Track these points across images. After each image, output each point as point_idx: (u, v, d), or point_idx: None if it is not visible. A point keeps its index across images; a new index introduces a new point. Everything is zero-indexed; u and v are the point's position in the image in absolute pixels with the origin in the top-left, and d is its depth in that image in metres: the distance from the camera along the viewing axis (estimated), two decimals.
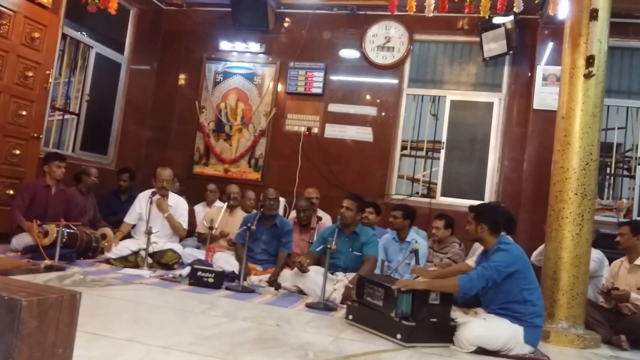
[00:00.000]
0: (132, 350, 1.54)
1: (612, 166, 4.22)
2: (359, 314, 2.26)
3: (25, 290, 0.82)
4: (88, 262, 3.09)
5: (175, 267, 3.19)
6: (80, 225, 3.25)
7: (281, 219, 3.39)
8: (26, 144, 3.57)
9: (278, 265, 3.15)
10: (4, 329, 0.76)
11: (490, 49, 4.11)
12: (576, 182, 2.52)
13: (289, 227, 3.36)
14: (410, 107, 4.53)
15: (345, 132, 4.48)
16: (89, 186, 3.78)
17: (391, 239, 3.33)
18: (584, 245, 2.51)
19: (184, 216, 3.50)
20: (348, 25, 4.54)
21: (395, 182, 4.47)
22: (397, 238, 3.30)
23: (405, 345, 1.98)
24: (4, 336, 0.75)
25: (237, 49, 4.77)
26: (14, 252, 3.10)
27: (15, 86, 3.47)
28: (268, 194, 3.31)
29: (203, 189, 4.28)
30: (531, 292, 2.08)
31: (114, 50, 4.62)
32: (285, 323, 2.14)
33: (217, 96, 4.82)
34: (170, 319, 2.06)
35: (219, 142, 4.77)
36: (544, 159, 3.55)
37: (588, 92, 2.56)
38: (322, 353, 1.76)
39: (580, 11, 2.59)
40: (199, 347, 1.66)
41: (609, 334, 2.51)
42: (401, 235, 3.27)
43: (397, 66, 4.44)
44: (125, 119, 4.73)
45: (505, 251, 2.09)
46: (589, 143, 2.54)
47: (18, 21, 3.43)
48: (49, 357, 0.81)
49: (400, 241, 3.28)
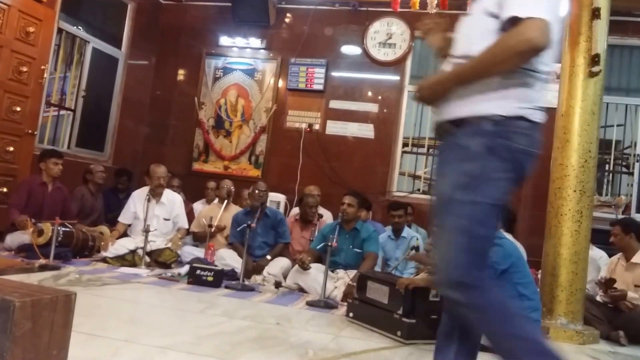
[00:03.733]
0: (129, 350, 1.52)
1: (610, 163, 4.23)
2: (359, 311, 2.26)
3: (19, 291, 0.80)
4: (84, 261, 3.05)
5: (173, 266, 3.17)
6: (76, 224, 3.21)
7: (270, 209, 3.41)
8: (20, 140, 3.52)
9: (273, 252, 3.17)
10: None
11: None
12: (575, 180, 2.53)
13: (280, 215, 3.42)
14: (412, 104, 4.51)
15: (346, 129, 4.46)
16: (97, 184, 3.72)
17: (387, 237, 3.33)
18: (582, 242, 2.52)
19: (181, 215, 3.47)
20: (350, 21, 4.51)
21: (396, 179, 4.46)
22: (392, 236, 3.32)
23: (406, 343, 1.98)
24: None
25: (237, 45, 4.73)
26: (8, 250, 3.06)
27: (9, 82, 3.42)
28: (258, 185, 3.33)
29: (202, 186, 4.25)
30: (525, 286, 2.09)
31: (111, 45, 4.56)
32: (285, 321, 2.13)
33: (217, 92, 4.78)
34: (168, 318, 2.04)
35: (219, 139, 4.73)
36: (543, 156, 3.50)
37: (587, 90, 2.56)
38: (322, 351, 1.75)
39: (580, 9, 2.58)
40: (197, 346, 1.64)
41: (607, 330, 2.52)
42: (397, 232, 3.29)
43: (398, 63, 4.42)
44: (122, 115, 4.69)
45: (499, 246, 2.10)
46: (588, 140, 2.54)
47: (12, 15, 3.37)
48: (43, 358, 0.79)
49: (396, 238, 3.29)
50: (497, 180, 1.03)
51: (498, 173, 1.03)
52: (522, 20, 0.98)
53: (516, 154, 1.05)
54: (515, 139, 1.04)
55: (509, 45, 1.00)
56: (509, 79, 1.04)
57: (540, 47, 0.98)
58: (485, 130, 1.05)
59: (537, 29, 0.97)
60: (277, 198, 4.16)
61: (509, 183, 1.05)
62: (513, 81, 1.04)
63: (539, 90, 1.07)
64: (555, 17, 1.03)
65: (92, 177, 3.71)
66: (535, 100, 1.06)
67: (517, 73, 1.03)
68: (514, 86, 1.04)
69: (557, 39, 1.06)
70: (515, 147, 1.04)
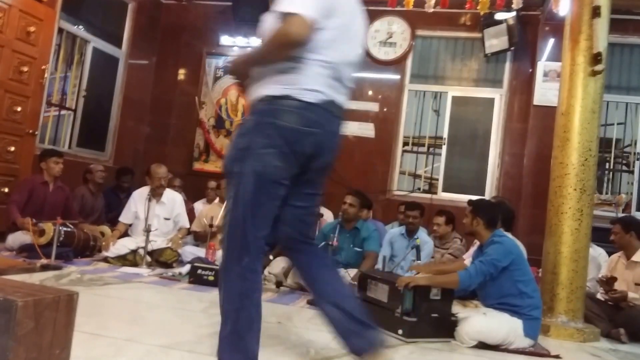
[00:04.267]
0: (131, 350, 1.52)
1: (611, 161, 4.23)
2: None
3: (21, 291, 0.80)
4: (85, 261, 3.06)
5: (175, 266, 3.17)
6: (78, 224, 3.22)
7: None
8: (21, 140, 3.53)
9: (275, 252, 3.17)
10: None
11: (492, 45, 4.10)
12: (575, 178, 2.53)
13: None
14: (412, 103, 4.51)
15: (347, 128, 4.47)
16: (97, 184, 3.73)
17: (398, 234, 3.25)
18: (583, 240, 2.52)
19: (182, 214, 3.47)
20: None
21: (397, 178, 4.46)
22: (405, 234, 3.22)
23: (407, 341, 1.99)
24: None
25: (238, 44, 4.73)
26: (9, 250, 3.06)
27: (10, 81, 3.43)
28: None
29: (203, 185, 4.25)
30: (526, 284, 2.09)
31: (111, 45, 4.56)
32: (286, 320, 2.13)
33: (218, 92, 4.78)
34: (169, 317, 2.05)
35: (219, 139, 4.74)
36: (543, 155, 3.54)
37: (588, 88, 2.56)
38: (323, 350, 1.75)
39: (581, 8, 2.58)
40: (199, 345, 1.64)
41: (607, 328, 2.53)
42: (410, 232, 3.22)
43: (399, 62, 4.42)
44: (123, 115, 4.69)
45: (499, 244, 2.12)
46: (588, 139, 2.55)
47: (13, 15, 3.37)
48: (46, 358, 0.79)
49: (409, 238, 3.21)
50: (262, 154, 1.16)
51: (263, 148, 1.16)
52: (286, 15, 1.12)
53: (283, 131, 1.16)
54: (282, 117, 1.16)
55: (273, 38, 1.16)
56: (281, 66, 1.18)
57: (298, 40, 1.11)
58: (256, 110, 1.21)
59: (295, 24, 1.10)
60: None
61: (276, 157, 1.16)
62: (283, 67, 1.18)
63: (312, 76, 1.19)
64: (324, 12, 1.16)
65: (92, 176, 3.72)
66: (306, 84, 1.18)
67: (289, 61, 1.18)
68: (284, 72, 1.18)
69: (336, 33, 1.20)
70: (282, 125, 1.16)
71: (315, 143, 1.19)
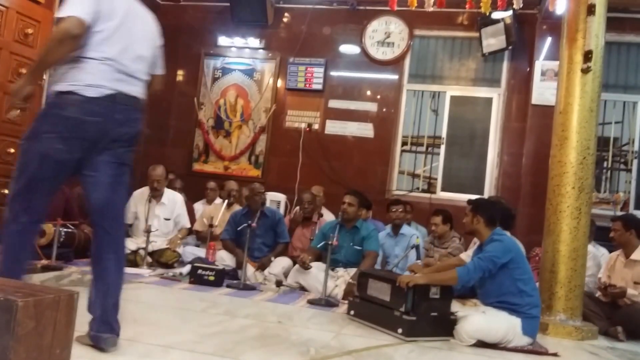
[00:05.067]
0: (132, 349, 1.53)
1: (609, 160, 4.23)
2: (360, 309, 2.27)
3: (22, 291, 0.80)
4: (86, 262, 3.04)
5: (175, 266, 3.18)
6: (78, 224, 3.22)
7: (268, 209, 3.41)
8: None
9: (273, 252, 3.18)
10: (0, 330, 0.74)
11: (490, 44, 4.10)
12: (573, 176, 2.54)
13: (279, 214, 3.43)
14: (411, 103, 4.52)
15: (346, 128, 4.47)
16: None
17: (385, 235, 3.35)
18: (581, 239, 2.53)
19: (182, 214, 3.47)
20: (348, 21, 4.51)
21: (395, 178, 4.46)
22: (391, 233, 3.34)
23: (406, 340, 1.99)
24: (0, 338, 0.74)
25: (236, 45, 4.72)
26: None
27: (9, 84, 3.42)
28: (255, 188, 3.31)
29: (203, 186, 4.25)
30: (525, 282, 2.10)
31: None
32: (286, 320, 2.14)
33: (216, 92, 4.78)
34: (170, 317, 2.05)
35: (219, 139, 4.74)
36: (542, 154, 3.55)
37: (585, 87, 2.56)
38: (323, 349, 1.76)
39: (578, 6, 2.59)
40: (199, 345, 1.65)
41: (606, 326, 2.54)
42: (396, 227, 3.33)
43: (397, 62, 4.42)
44: None
45: (498, 241, 2.13)
46: (586, 137, 2.55)
47: (10, 17, 3.38)
48: (46, 358, 0.80)
49: (395, 235, 3.31)
50: (45, 139, 1.42)
51: (46, 134, 1.42)
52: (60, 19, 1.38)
53: (67, 121, 1.42)
54: (66, 109, 1.42)
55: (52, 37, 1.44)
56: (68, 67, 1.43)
57: (73, 33, 1.36)
58: (47, 102, 1.50)
59: (69, 21, 1.36)
60: (277, 198, 4.17)
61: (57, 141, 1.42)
62: (68, 67, 1.43)
63: (93, 73, 1.44)
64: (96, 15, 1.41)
65: None
66: (87, 80, 1.43)
67: (72, 61, 1.42)
68: (68, 70, 1.43)
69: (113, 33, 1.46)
70: (66, 115, 1.42)
71: (98, 129, 1.45)
